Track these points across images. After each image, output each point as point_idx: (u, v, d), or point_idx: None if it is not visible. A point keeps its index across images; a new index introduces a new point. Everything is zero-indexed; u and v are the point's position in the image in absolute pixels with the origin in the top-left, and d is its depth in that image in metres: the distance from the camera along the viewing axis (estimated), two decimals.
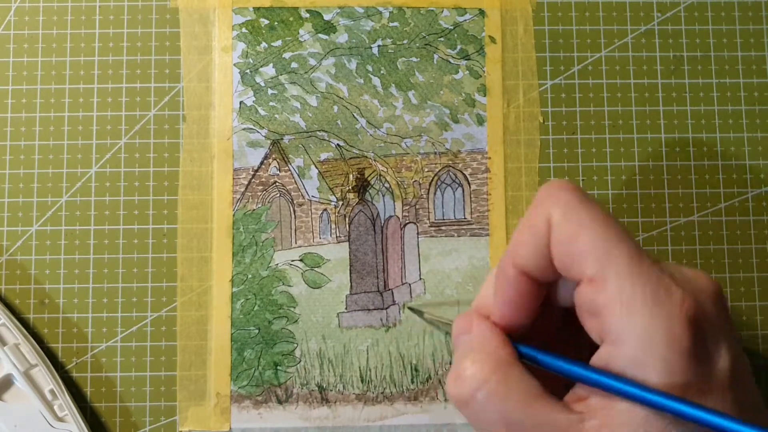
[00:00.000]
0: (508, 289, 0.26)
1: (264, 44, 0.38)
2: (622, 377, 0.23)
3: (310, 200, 0.38)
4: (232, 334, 0.37)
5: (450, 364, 0.37)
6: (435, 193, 0.38)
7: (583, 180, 0.38)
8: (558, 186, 0.25)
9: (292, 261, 0.37)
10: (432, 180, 0.38)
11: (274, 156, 0.38)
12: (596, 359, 0.24)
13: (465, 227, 0.38)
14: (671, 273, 0.23)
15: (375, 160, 0.38)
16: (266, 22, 0.39)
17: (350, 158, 0.38)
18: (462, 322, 0.27)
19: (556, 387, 0.25)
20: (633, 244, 0.23)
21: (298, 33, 0.39)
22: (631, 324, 0.22)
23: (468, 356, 0.25)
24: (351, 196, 0.38)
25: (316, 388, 0.37)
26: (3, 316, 0.35)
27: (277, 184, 0.38)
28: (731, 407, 0.22)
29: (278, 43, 0.38)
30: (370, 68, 0.38)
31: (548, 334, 0.28)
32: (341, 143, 0.38)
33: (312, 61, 0.38)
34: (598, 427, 0.23)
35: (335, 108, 0.38)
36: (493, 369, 0.24)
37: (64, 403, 0.34)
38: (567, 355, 0.25)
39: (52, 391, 0.35)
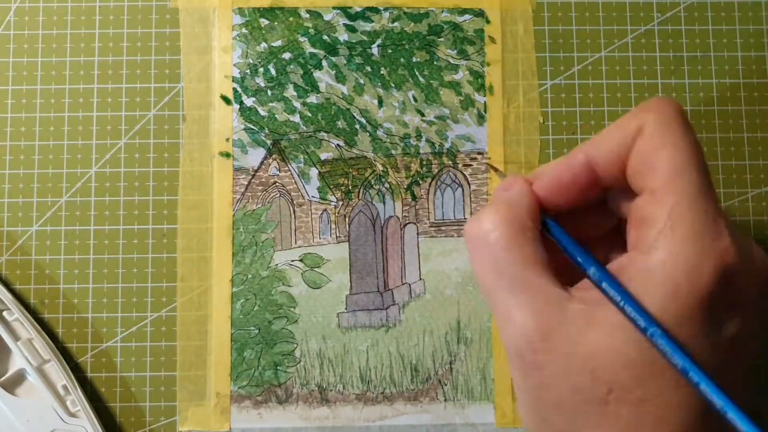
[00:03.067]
0: (566, 169, 0.26)
1: (264, 44, 0.38)
2: (620, 285, 0.23)
3: (310, 200, 0.38)
4: (232, 334, 0.37)
5: (450, 364, 0.37)
6: (435, 194, 0.38)
7: None
8: (663, 100, 0.25)
9: (292, 261, 0.37)
10: (432, 180, 0.38)
11: (274, 156, 0.38)
12: (615, 262, 0.24)
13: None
14: (732, 225, 0.23)
15: (375, 160, 0.38)
16: (266, 22, 0.39)
17: (350, 158, 0.38)
18: (508, 181, 0.27)
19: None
20: (707, 179, 0.23)
21: (298, 33, 0.39)
22: (665, 241, 0.22)
23: (494, 206, 0.26)
24: (351, 196, 0.38)
25: (316, 388, 0.37)
26: (17, 311, 0.35)
27: (277, 184, 0.38)
28: (713, 373, 0.22)
29: (278, 43, 0.38)
30: (369, 68, 0.38)
31: (594, 243, 0.28)
32: (341, 143, 0.38)
33: (312, 62, 0.38)
34: (582, 311, 0.23)
35: (335, 108, 0.38)
36: (509, 221, 0.25)
37: (77, 399, 0.35)
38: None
39: (64, 387, 0.35)
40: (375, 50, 0.39)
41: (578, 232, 0.27)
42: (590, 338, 0.23)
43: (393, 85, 0.38)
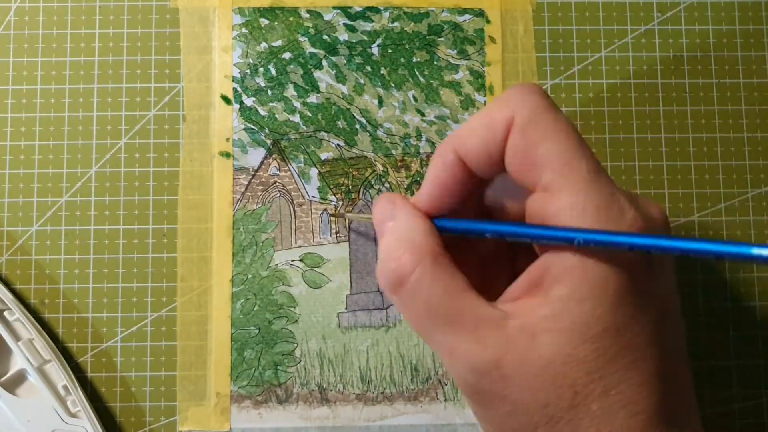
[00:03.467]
0: (442, 172, 0.26)
1: (264, 44, 0.38)
2: (535, 225, 0.23)
3: (310, 200, 0.38)
4: (232, 334, 0.37)
5: None
6: None
7: None
8: (528, 88, 0.25)
9: (292, 261, 0.37)
10: None
11: (274, 156, 0.38)
12: (534, 267, 0.24)
13: None
14: (628, 195, 0.23)
15: (375, 160, 0.38)
16: (266, 22, 0.39)
17: (350, 158, 0.38)
18: (385, 206, 0.26)
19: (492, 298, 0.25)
20: (594, 160, 0.23)
21: (298, 33, 0.39)
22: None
23: (396, 245, 0.25)
24: (351, 196, 0.38)
25: (316, 388, 0.37)
26: (17, 311, 0.35)
27: (277, 184, 0.38)
28: (652, 333, 0.23)
29: (278, 43, 0.38)
30: (370, 68, 0.38)
31: (483, 256, 0.28)
32: (341, 143, 0.38)
33: (312, 62, 0.38)
34: (522, 326, 0.23)
35: (335, 108, 0.38)
36: (422, 258, 0.24)
37: (77, 399, 0.35)
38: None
39: (65, 387, 0.35)
40: (375, 50, 0.39)
41: (477, 253, 0.27)
42: (540, 351, 0.22)
43: (393, 84, 0.38)
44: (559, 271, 0.23)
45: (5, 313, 0.35)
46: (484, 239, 0.26)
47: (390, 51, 0.39)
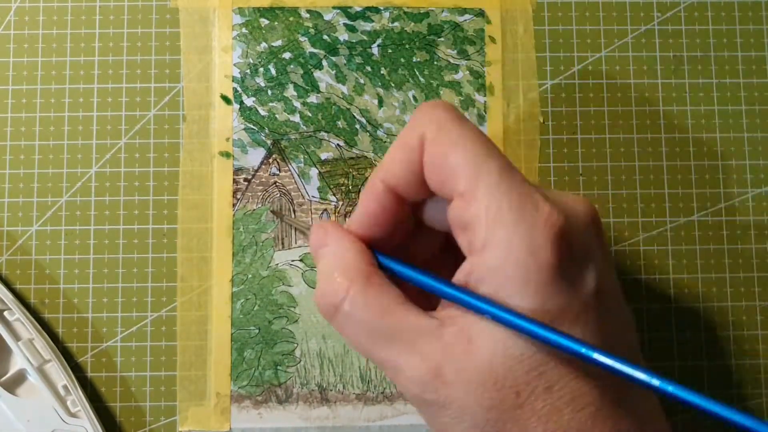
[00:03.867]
0: (372, 202, 0.26)
1: (264, 44, 0.38)
2: (477, 295, 0.23)
3: (311, 200, 0.38)
4: (232, 334, 0.37)
5: None
6: None
7: (583, 180, 0.38)
8: (432, 105, 0.25)
9: (292, 261, 0.37)
10: None
11: (274, 156, 0.38)
12: (460, 272, 0.24)
13: None
14: (545, 193, 0.24)
15: (375, 161, 0.38)
16: (266, 22, 0.39)
17: (350, 158, 0.38)
18: (318, 234, 0.27)
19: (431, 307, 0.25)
20: (504, 160, 0.24)
21: (298, 33, 0.39)
22: (494, 234, 0.23)
23: (328, 270, 0.25)
24: (351, 196, 0.38)
25: (316, 388, 0.37)
26: (17, 311, 0.35)
27: (277, 184, 0.38)
28: (592, 334, 0.23)
29: (278, 43, 0.38)
30: (370, 68, 0.38)
31: (428, 260, 0.29)
32: (341, 143, 0.38)
33: (312, 62, 0.38)
34: (457, 332, 0.23)
35: (335, 108, 0.38)
36: (353, 279, 0.25)
37: (77, 399, 0.35)
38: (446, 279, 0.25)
39: (65, 387, 0.35)
40: (375, 50, 0.39)
41: (412, 260, 0.27)
42: (478, 355, 0.23)
43: (393, 84, 0.38)
44: (482, 272, 0.23)
45: (5, 313, 0.35)
46: (424, 241, 0.27)
47: (390, 51, 0.39)
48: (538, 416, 0.22)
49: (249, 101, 0.38)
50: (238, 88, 0.38)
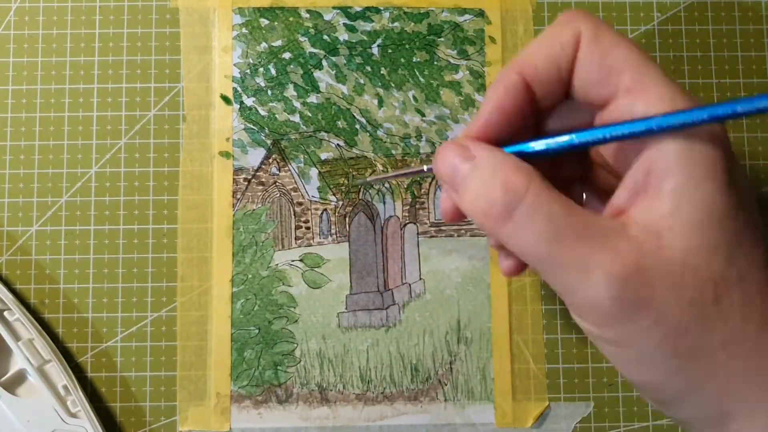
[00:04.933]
0: (504, 97, 0.25)
1: (264, 44, 0.38)
2: (618, 123, 0.22)
3: (311, 200, 0.38)
4: (232, 334, 0.37)
5: (450, 364, 0.37)
6: (435, 193, 0.38)
7: None
8: (583, 11, 0.25)
9: (292, 261, 0.37)
10: (432, 180, 0.38)
11: (274, 156, 0.38)
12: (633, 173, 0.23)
13: (465, 227, 0.38)
14: None
15: (375, 160, 0.38)
16: (266, 22, 0.39)
17: (350, 158, 0.38)
18: (454, 151, 0.25)
19: None
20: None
21: (298, 33, 0.39)
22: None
23: (493, 175, 0.24)
24: (351, 196, 0.38)
25: (316, 388, 0.37)
26: (18, 311, 0.35)
27: (277, 184, 0.38)
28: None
29: (278, 43, 0.38)
30: (370, 68, 0.38)
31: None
32: (341, 143, 0.38)
33: (312, 62, 0.38)
34: (643, 229, 0.22)
35: (335, 108, 0.38)
36: (529, 178, 0.23)
37: (77, 399, 0.35)
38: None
39: (65, 387, 0.35)
40: (375, 50, 0.39)
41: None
42: (671, 250, 0.22)
43: (393, 85, 0.38)
44: (667, 165, 0.22)
45: (5, 313, 0.35)
46: (555, 167, 0.26)
47: (390, 51, 0.39)
48: (736, 307, 0.22)
49: (249, 101, 0.38)
50: (238, 88, 0.38)
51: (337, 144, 0.38)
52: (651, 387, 0.24)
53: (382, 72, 0.38)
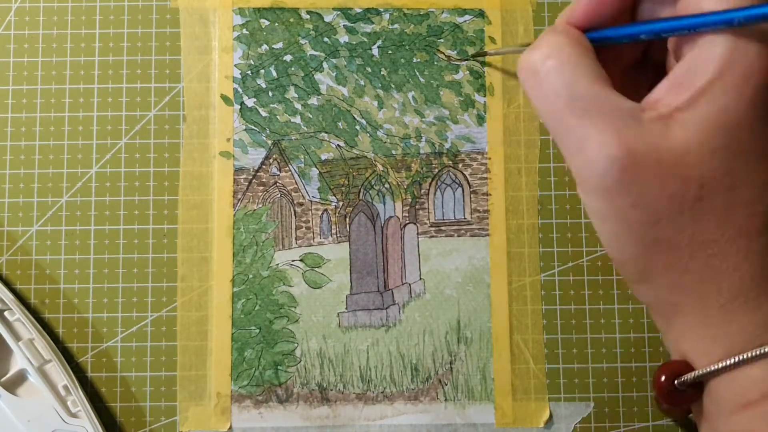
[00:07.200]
0: None
1: (265, 46, 0.38)
2: (701, 13, 0.23)
3: (311, 201, 0.38)
4: (232, 334, 0.37)
5: (450, 364, 0.37)
6: (435, 194, 0.38)
7: None
8: None
9: (293, 261, 0.37)
10: (432, 180, 0.38)
11: (274, 156, 0.38)
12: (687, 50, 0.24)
13: (465, 227, 0.38)
14: None
15: (375, 161, 0.38)
16: (267, 22, 0.39)
17: (350, 158, 0.38)
18: (547, 32, 0.26)
19: None
20: None
21: (299, 35, 0.39)
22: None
23: (547, 35, 0.25)
24: (351, 196, 0.38)
25: (317, 388, 0.37)
26: (18, 311, 0.35)
27: (277, 184, 0.38)
28: None
29: (279, 45, 0.38)
30: (370, 69, 0.38)
31: (620, 77, 0.28)
32: (341, 144, 0.38)
33: (313, 64, 0.38)
34: (657, 117, 0.23)
35: (336, 110, 0.38)
36: (570, 43, 0.24)
37: (78, 399, 0.35)
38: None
39: (65, 387, 0.35)
40: (375, 51, 0.39)
41: (619, 66, 0.27)
42: (672, 141, 0.23)
43: (393, 86, 0.38)
44: (705, 64, 0.23)
45: (6, 313, 0.35)
46: (628, 52, 0.27)
47: (390, 52, 0.39)
48: (714, 212, 0.23)
49: (250, 102, 0.38)
50: (239, 89, 0.38)
51: (338, 144, 0.38)
52: (619, 262, 0.25)
53: (382, 73, 0.38)
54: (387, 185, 0.38)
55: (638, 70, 0.29)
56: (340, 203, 0.38)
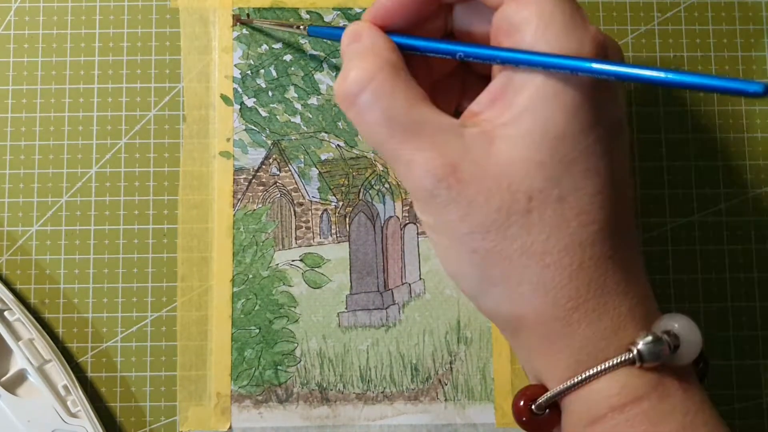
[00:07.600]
0: None
1: (265, 46, 0.38)
2: (492, 47, 0.24)
3: (311, 201, 0.38)
4: (232, 334, 0.37)
5: (450, 364, 0.37)
6: None
7: None
8: None
9: (293, 261, 0.37)
10: None
11: (274, 156, 0.38)
12: (501, 77, 0.24)
13: None
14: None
15: (375, 161, 0.38)
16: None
17: (350, 158, 0.38)
18: (350, 32, 0.27)
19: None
20: None
21: (299, 34, 0.39)
22: (544, 35, 0.23)
23: (357, 58, 0.25)
24: (351, 196, 0.38)
25: (317, 388, 0.37)
26: (18, 311, 0.35)
27: (277, 184, 0.38)
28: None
29: (279, 45, 0.38)
30: None
31: (434, 84, 0.29)
32: (341, 144, 0.38)
33: (312, 64, 0.38)
34: (479, 134, 0.24)
35: (336, 109, 0.38)
36: (381, 67, 0.25)
37: (78, 399, 0.35)
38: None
39: (65, 387, 0.35)
40: None
41: (429, 75, 0.28)
42: (497, 156, 0.23)
43: None
44: (522, 81, 0.23)
45: (5, 313, 0.35)
46: (438, 62, 0.27)
47: None
48: (545, 224, 0.23)
49: (250, 102, 0.38)
50: (239, 89, 0.38)
51: (338, 144, 0.38)
52: (455, 276, 0.26)
53: None
54: (387, 185, 0.38)
55: (453, 75, 0.29)
56: (340, 203, 0.38)
